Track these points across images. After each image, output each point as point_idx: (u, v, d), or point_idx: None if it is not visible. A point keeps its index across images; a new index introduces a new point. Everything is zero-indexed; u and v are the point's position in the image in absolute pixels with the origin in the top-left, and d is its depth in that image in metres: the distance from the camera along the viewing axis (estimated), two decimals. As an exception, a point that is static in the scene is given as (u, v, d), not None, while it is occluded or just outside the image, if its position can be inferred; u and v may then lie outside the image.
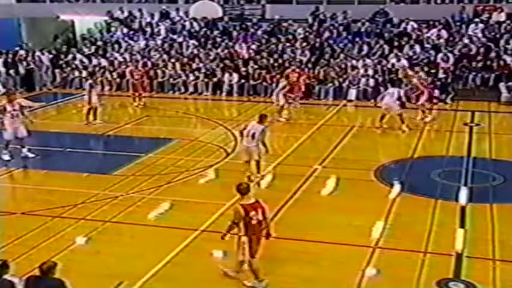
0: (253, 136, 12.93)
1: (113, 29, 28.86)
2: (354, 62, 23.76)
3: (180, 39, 27.14)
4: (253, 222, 8.32)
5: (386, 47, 24.40)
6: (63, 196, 12.50)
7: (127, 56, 26.26)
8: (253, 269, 8.64)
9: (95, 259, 9.84)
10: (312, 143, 16.87)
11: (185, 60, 25.55)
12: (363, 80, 22.89)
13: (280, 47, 25.45)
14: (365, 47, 24.70)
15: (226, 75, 24.21)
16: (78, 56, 26.67)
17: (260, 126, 13.01)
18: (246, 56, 25.24)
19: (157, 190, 12.89)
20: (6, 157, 15.07)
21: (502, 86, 22.02)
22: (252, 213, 8.32)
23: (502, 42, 23.93)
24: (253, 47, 25.79)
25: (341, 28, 26.25)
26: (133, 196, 12.53)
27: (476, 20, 25.11)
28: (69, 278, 7.19)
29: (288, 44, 25.49)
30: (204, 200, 12.17)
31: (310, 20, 27.09)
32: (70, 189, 12.88)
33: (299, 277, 9.01)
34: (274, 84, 23.00)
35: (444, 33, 24.82)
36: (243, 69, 24.37)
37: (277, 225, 10.99)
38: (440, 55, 23.42)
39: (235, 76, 24.14)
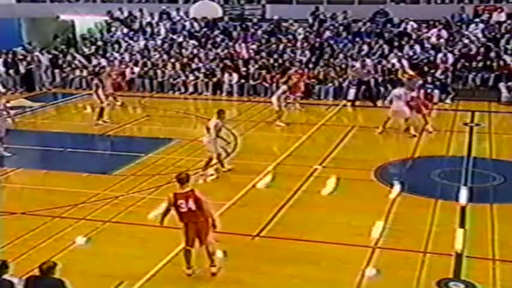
0: (207, 130, 13.64)
1: (113, 29, 28.87)
2: (354, 61, 23.76)
3: (180, 39, 27.16)
4: (182, 210, 8.75)
5: (386, 47, 24.39)
6: (63, 196, 12.51)
7: (127, 56, 26.28)
8: (185, 256, 9.08)
9: (95, 259, 9.84)
10: (311, 143, 16.86)
11: (185, 60, 25.55)
12: (363, 80, 22.88)
13: (280, 47, 25.45)
14: (365, 47, 24.69)
15: (226, 75, 24.21)
16: (78, 56, 26.68)
17: (215, 121, 13.56)
18: (246, 56, 25.24)
19: (157, 190, 12.88)
20: None
21: (502, 86, 22.01)
22: (180, 201, 8.72)
23: (502, 42, 23.92)
24: (253, 47, 25.78)
25: (341, 28, 26.24)
26: (133, 196, 12.54)
27: (477, 20, 25.12)
28: (69, 278, 7.20)
29: (288, 44, 25.49)
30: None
31: (310, 20, 27.08)
32: (70, 189, 12.89)
33: (299, 277, 9.01)
34: (274, 85, 23.08)
35: (444, 33, 24.82)
36: (243, 69, 24.36)
37: (277, 225, 11.03)
38: (440, 55, 23.44)
39: (235, 76, 24.14)
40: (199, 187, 13.26)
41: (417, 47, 24.26)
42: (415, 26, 25.54)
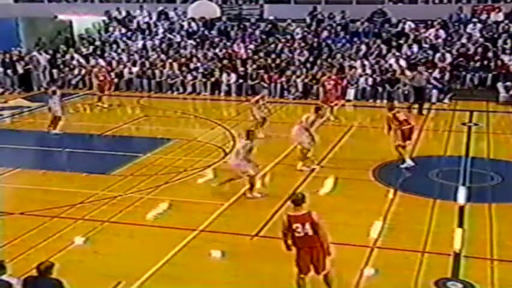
0: (237, 153, 12.33)
1: (111, 28, 28.85)
2: (352, 61, 23.78)
3: (178, 39, 27.15)
4: (298, 234, 7.91)
5: (384, 47, 24.41)
6: (61, 196, 12.50)
7: (124, 56, 26.26)
8: (297, 284, 8.25)
9: (93, 259, 9.83)
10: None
11: (183, 60, 25.54)
12: (361, 79, 22.91)
13: (278, 47, 25.46)
14: (363, 47, 24.71)
15: (225, 75, 24.21)
16: (76, 55, 26.65)
17: (245, 141, 12.29)
18: (244, 56, 25.26)
19: (155, 190, 12.88)
20: None
21: (500, 85, 22.04)
22: (296, 225, 7.88)
23: (499, 42, 23.96)
24: (251, 46, 25.80)
25: (339, 28, 26.26)
26: (131, 196, 12.53)
27: (475, 20, 25.15)
28: (67, 278, 7.19)
29: (286, 44, 25.49)
30: (203, 200, 12.17)
31: (308, 19, 27.10)
32: (68, 189, 12.88)
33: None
34: (272, 84, 23.13)
35: (442, 33, 24.85)
36: (241, 69, 24.38)
37: (275, 225, 11.01)
38: (438, 55, 23.46)
39: (234, 76, 24.14)
40: (198, 187, 13.33)
41: (415, 47, 24.28)
42: (413, 25, 25.57)
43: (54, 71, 26.17)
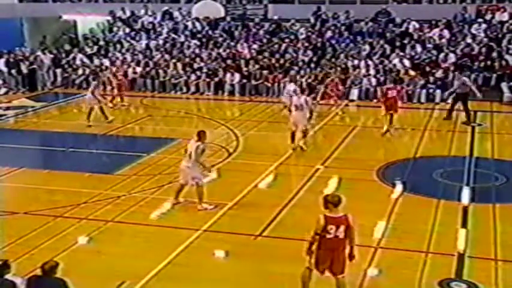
0: (189, 155, 11.69)
1: (115, 28, 28.89)
2: (355, 61, 23.76)
3: (182, 39, 27.17)
4: (328, 236, 7.78)
5: (388, 47, 24.38)
6: (65, 196, 12.52)
7: (128, 56, 26.29)
8: (302, 279, 8.17)
9: (96, 259, 9.85)
10: (314, 143, 16.85)
11: (187, 60, 25.56)
12: (365, 79, 22.89)
13: (282, 47, 25.45)
14: (367, 47, 24.68)
15: (228, 75, 24.22)
16: (80, 55, 26.70)
17: (196, 143, 11.69)
18: (248, 56, 25.26)
19: (159, 190, 12.90)
20: None
21: (504, 85, 22.00)
22: (331, 226, 7.75)
23: (504, 42, 23.90)
24: (255, 46, 25.81)
25: (343, 28, 26.25)
26: (135, 196, 12.54)
27: (479, 20, 25.10)
28: (71, 277, 7.19)
29: (290, 44, 25.48)
30: (206, 199, 12.15)
31: (312, 20, 27.10)
32: (72, 189, 12.89)
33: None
34: (276, 85, 23.14)
35: (446, 33, 24.81)
36: (245, 69, 24.38)
37: (279, 225, 11.03)
38: (442, 55, 23.43)
39: (237, 76, 24.15)
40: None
41: (419, 47, 24.24)
42: (417, 26, 25.54)
43: (58, 70, 26.20)
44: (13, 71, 25.08)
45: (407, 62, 23.10)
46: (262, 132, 18.26)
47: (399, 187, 13.03)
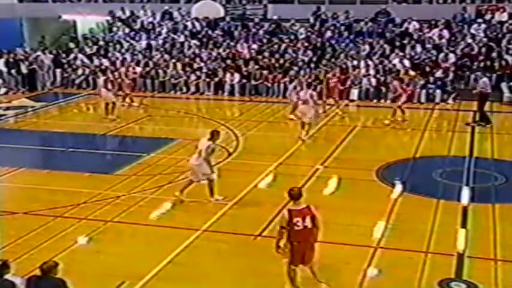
0: (199, 153, 11.91)
1: (114, 28, 28.89)
2: (355, 61, 23.77)
3: (182, 39, 27.17)
4: (297, 228, 8.06)
5: (387, 47, 24.39)
6: (65, 196, 12.51)
7: (128, 56, 26.28)
8: (289, 276, 8.43)
9: (96, 259, 9.85)
10: (313, 143, 16.85)
11: (187, 60, 25.57)
12: (365, 79, 22.89)
13: (282, 47, 25.45)
14: (367, 47, 24.69)
15: (228, 75, 24.22)
16: (80, 55, 26.70)
17: (207, 142, 11.89)
18: (248, 56, 25.26)
19: (159, 190, 12.90)
20: None
21: (504, 86, 22.01)
22: (297, 219, 8.04)
23: (503, 42, 23.91)
24: (255, 46, 25.81)
25: (343, 28, 26.25)
26: (135, 196, 12.54)
27: (479, 20, 25.10)
28: (70, 278, 7.19)
29: (289, 44, 25.49)
30: (206, 199, 12.15)
31: (311, 19, 27.10)
32: (72, 189, 12.89)
33: (301, 277, 9.00)
34: (276, 85, 23.15)
35: (446, 33, 24.82)
36: (245, 69, 24.38)
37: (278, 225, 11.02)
38: (441, 55, 23.43)
39: (237, 76, 24.15)
40: (201, 186, 13.32)
41: (419, 47, 24.25)
42: (417, 25, 25.54)
43: (58, 70, 26.20)
44: (13, 71, 25.07)
45: (407, 62, 23.10)
46: (262, 132, 18.26)
47: (399, 187, 13.05)
